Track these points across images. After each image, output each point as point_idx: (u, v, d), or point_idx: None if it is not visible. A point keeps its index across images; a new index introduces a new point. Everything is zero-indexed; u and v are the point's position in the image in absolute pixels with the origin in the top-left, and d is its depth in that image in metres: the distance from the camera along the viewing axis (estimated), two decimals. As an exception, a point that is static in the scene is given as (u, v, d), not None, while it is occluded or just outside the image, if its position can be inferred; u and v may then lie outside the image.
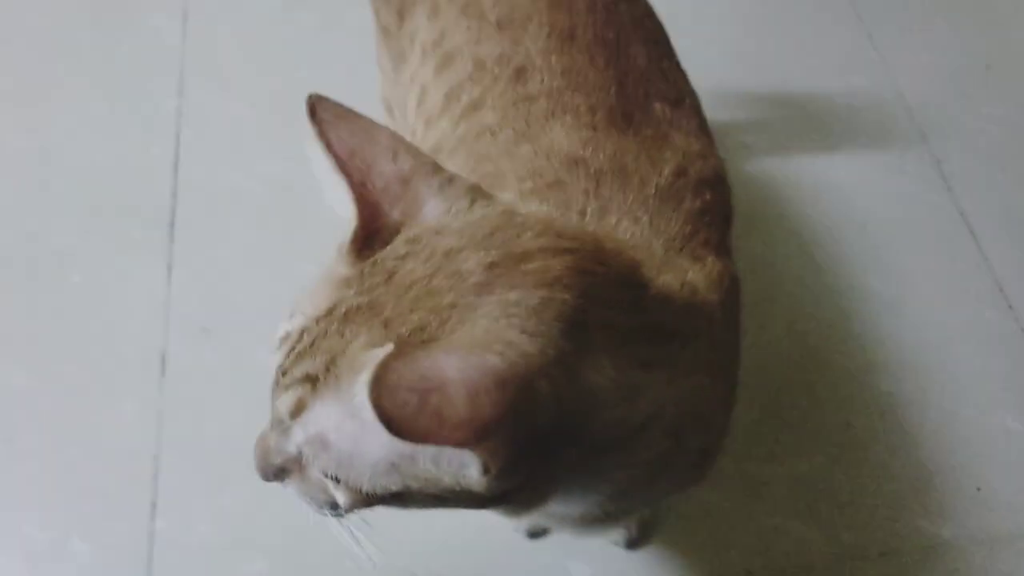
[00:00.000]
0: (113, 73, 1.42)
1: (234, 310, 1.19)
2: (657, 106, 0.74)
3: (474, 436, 0.45)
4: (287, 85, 1.37)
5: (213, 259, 1.23)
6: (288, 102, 1.36)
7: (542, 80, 0.73)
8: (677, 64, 0.83)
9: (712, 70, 1.40)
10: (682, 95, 0.78)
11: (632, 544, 1.03)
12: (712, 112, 0.87)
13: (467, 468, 0.48)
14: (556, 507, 0.70)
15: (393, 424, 0.44)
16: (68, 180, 1.30)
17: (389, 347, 0.46)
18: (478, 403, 0.44)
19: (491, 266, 0.51)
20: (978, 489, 1.09)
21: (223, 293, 1.20)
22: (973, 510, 1.07)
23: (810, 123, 1.40)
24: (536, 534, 1.02)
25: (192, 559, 1.01)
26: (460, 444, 0.45)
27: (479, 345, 0.47)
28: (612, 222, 0.64)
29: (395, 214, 0.56)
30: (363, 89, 1.33)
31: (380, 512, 1.03)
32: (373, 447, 0.50)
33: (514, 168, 0.69)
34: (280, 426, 0.56)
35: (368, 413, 0.44)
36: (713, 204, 0.70)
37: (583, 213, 0.65)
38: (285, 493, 1.03)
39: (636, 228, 0.64)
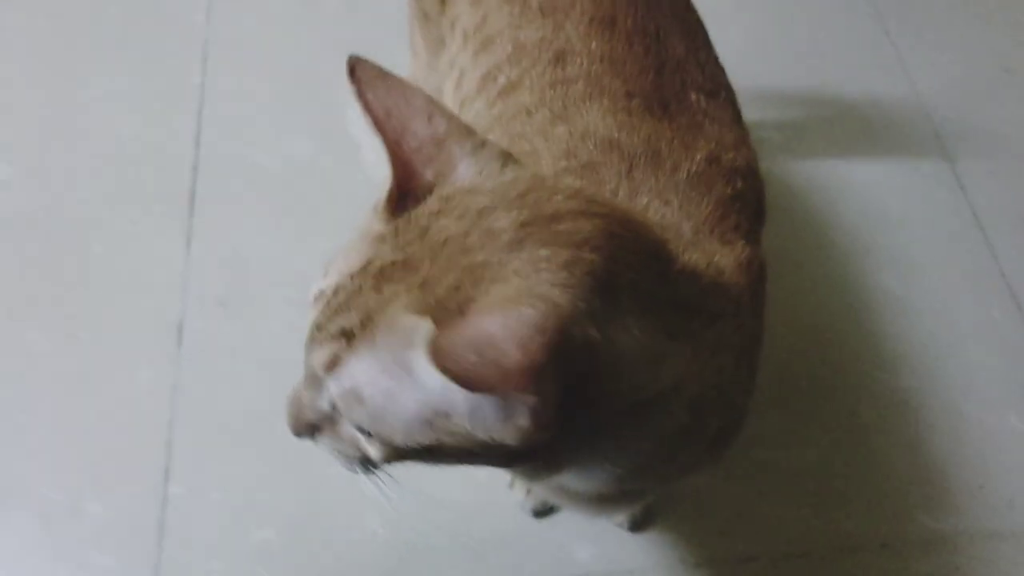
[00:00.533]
0: (139, 49, 1.44)
1: (250, 284, 1.21)
2: (693, 95, 0.75)
3: (532, 379, 0.47)
4: (309, 65, 1.40)
5: (231, 234, 1.25)
6: (309, 82, 1.40)
7: (581, 64, 0.74)
8: (715, 58, 0.84)
9: (735, 69, 1.42)
10: (718, 87, 0.79)
11: (636, 527, 1.04)
12: None
13: (516, 416, 0.50)
14: (575, 482, 0.71)
15: (465, 382, 0.47)
16: (92, 153, 1.32)
17: (429, 323, 0.49)
18: (528, 350, 0.46)
19: (523, 225, 0.52)
20: (980, 486, 1.10)
21: (240, 267, 1.22)
22: (975, 507, 1.08)
23: (828, 123, 1.41)
24: (541, 513, 1.04)
25: (203, 524, 1.03)
26: (521, 389, 0.47)
27: (513, 301, 0.49)
28: (643, 203, 0.66)
29: (428, 174, 0.57)
30: (390, 70, 1.35)
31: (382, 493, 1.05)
32: (408, 402, 0.52)
33: (549, 148, 0.70)
34: (314, 381, 0.57)
35: (421, 371, 0.48)
36: (745, 193, 0.71)
37: (615, 193, 0.66)
38: (294, 464, 1.05)
39: (666, 210, 0.66)
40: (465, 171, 0.56)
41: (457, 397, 0.49)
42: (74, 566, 1.00)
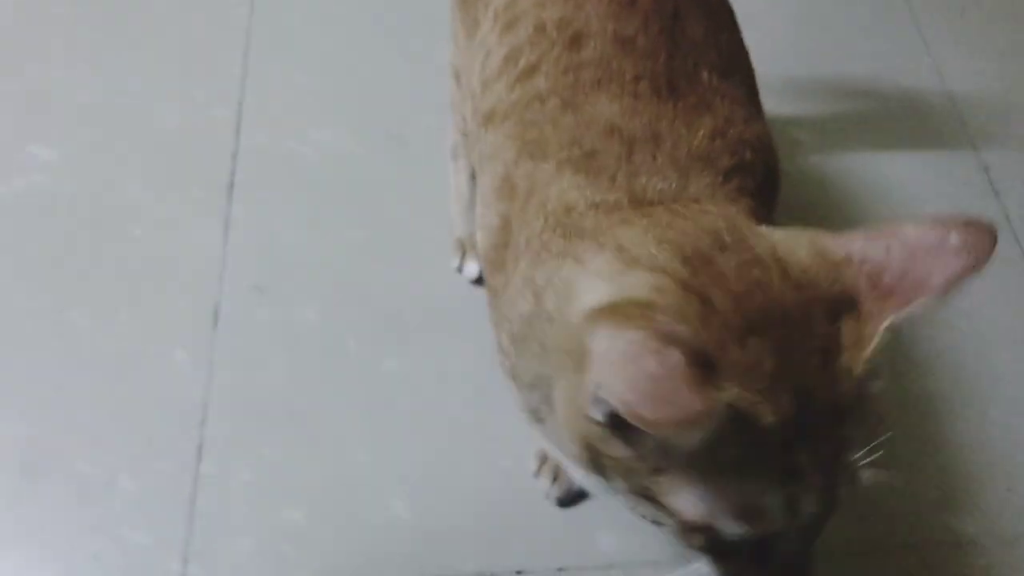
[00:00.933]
0: (182, 37, 1.47)
1: (286, 271, 1.23)
2: (705, 74, 0.76)
3: None
4: (348, 58, 1.42)
5: (268, 221, 1.27)
6: (348, 74, 1.42)
7: (595, 47, 0.76)
8: (738, 40, 0.85)
9: (765, 64, 1.42)
10: (734, 67, 0.80)
11: (659, 519, 1.05)
12: (767, 104, 0.88)
13: None
14: None
15: None
16: (134, 138, 1.35)
17: None
18: None
19: None
20: (1008, 489, 1.09)
21: (276, 254, 1.24)
22: (1001, 509, 1.08)
23: (861, 123, 1.41)
24: (566, 502, 1.05)
25: (234, 503, 1.05)
26: None
27: None
28: (642, 183, 0.68)
29: None
30: (426, 63, 1.38)
31: (407, 475, 1.06)
32: None
33: (557, 136, 0.73)
34: None
35: None
36: (753, 163, 0.73)
37: (613, 179, 0.69)
38: (323, 448, 1.07)
39: (665, 184, 0.68)
40: None
41: None
42: (107, 539, 1.02)
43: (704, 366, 0.53)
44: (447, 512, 1.05)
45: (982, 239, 0.58)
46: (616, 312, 0.57)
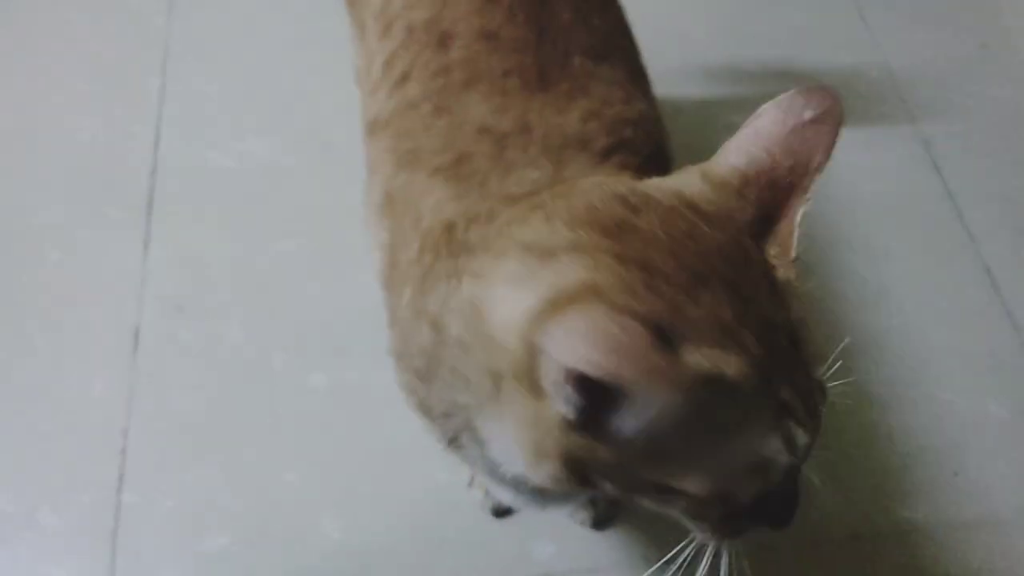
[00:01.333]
0: (98, 51, 1.43)
1: (209, 288, 1.19)
2: (577, 60, 0.73)
3: None
4: (270, 67, 1.38)
5: (191, 237, 1.24)
6: (270, 84, 1.38)
7: (461, 45, 0.73)
8: (616, 19, 0.83)
9: (698, 47, 1.39)
10: (610, 48, 0.78)
11: (598, 524, 1.02)
12: (700, 88, 0.86)
13: None
14: None
15: None
16: (50, 157, 1.31)
17: None
18: None
19: None
20: (955, 473, 1.07)
21: (199, 271, 1.21)
22: (949, 495, 1.06)
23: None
24: (501, 512, 1.02)
25: (157, 532, 1.01)
26: None
27: None
28: (515, 178, 0.65)
29: None
30: (352, 69, 1.33)
31: (337, 494, 1.03)
32: None
33: (430, 143, 0.70)
34: None
35: None
36: (634, 140, 0.70)
37: (484, 184, 0.66)
38: (250, 467, 1.04)
39: (540, 173, 0.66)
40: None
41: None
42: (29, 577, 0.99)
43: (665, 339, 0.51)
44: (379, 529, 1.02)
45: (826, 98, 0.62)
46: (559, 305, 0.53)
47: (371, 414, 1.09)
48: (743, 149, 0.61)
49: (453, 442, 0.70)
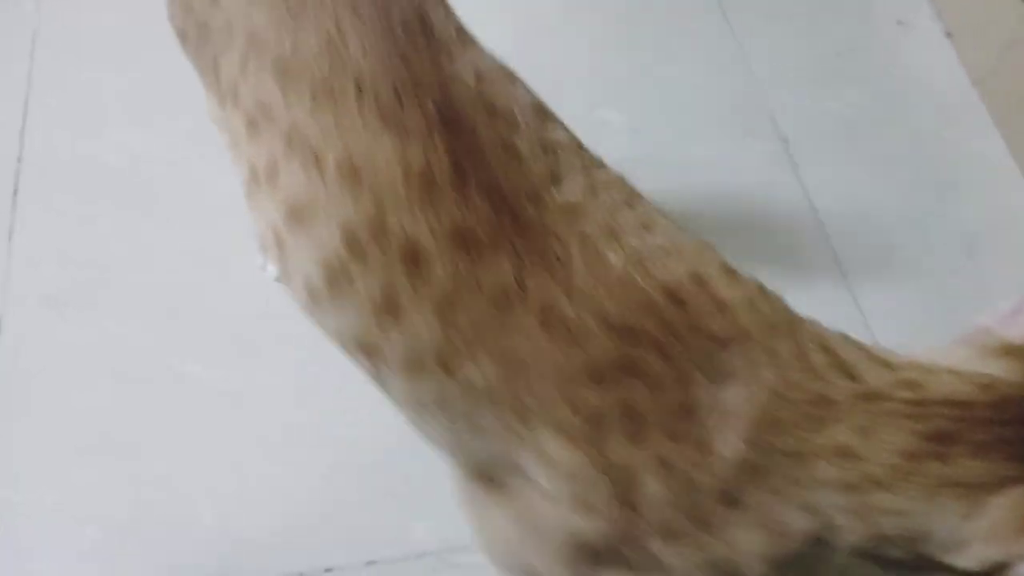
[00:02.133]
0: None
1: (78, 280, 1.17)
2: None
3: None
4: (144, 56, 1.35)
5: (57, 228, 1.21)
6: (145, 73, 1.35)
7: None
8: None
9: (578, 60, 1.41)
10: None
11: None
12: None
13: None
14: None
15: None
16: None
17: None
18: None
19: None
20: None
21: (70, 265, 1.18)
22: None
23: (660, 102, 1.44)
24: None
25: (35, 526, 1.01)
26: None
27: None
28: None
29: None
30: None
31: (213, 486, 1.02)
32: None
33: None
34: None
35: None
36: None
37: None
38: (123, 461, 1.02)
39: None
40: None
41: None
42: None
43: None
44: (254, 515, 1.03)
45: None
46: None
47: (244, 404, 1.09)
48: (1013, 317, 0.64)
49: None
